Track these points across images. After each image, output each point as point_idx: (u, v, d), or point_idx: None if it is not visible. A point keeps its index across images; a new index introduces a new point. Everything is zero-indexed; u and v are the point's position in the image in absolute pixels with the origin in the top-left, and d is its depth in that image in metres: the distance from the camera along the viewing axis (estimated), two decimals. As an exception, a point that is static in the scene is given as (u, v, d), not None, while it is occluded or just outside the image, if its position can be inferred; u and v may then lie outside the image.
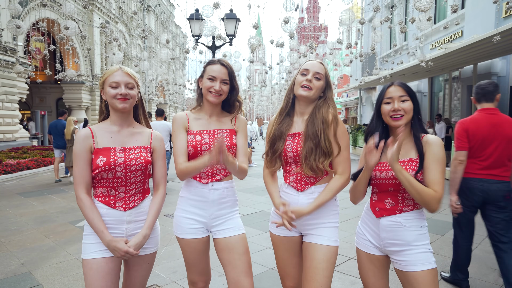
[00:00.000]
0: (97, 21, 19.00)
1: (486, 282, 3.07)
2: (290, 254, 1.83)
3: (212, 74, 1.78)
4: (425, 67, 8.43)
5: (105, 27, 9.96)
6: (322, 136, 1.67)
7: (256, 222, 4.93)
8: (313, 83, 1.71)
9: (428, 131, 1.68)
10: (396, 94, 1.60)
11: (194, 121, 1.85)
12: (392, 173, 1.58)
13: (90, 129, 1.66)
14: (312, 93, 1.72)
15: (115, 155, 1.62)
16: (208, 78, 1.79)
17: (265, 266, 3.37)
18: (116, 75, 1.63)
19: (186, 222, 1.81)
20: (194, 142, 1.79)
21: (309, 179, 1.73)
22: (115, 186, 1.63)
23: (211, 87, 1.78)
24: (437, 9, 13.02)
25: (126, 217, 1.65)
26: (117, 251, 1.56)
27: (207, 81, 1.79)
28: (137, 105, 1.77)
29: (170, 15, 36.39)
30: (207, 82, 1.79)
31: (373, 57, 17.17)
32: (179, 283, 3.02)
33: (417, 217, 1.59)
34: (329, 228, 1.72)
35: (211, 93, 1.78)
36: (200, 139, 1.79)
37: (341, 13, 7.70)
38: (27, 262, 3.50)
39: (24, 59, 14.02)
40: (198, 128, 1.83)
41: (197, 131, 1.82)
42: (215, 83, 1.78)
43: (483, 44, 7.38)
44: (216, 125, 1.86)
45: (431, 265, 1.55)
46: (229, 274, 1.75)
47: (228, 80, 1.82)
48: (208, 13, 9.08)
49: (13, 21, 7.48)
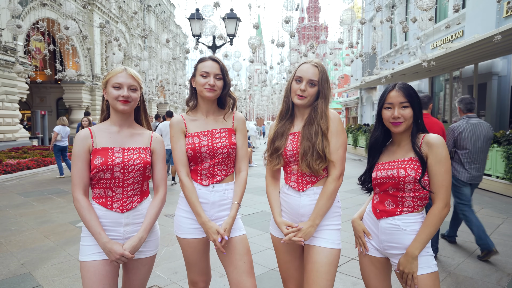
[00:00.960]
0: (97, 21, 18.97)
1: (489, 283, 3.05)
2: (292, 257, 1.81)
3: (205, 70, 1.77)
4: (427, 66, 8.41)
5: (104, 27, 9.93)
6: (317, 139, 1.65)
7: (256, 222, 4.91)
8: (307, 91, 1.69)
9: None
10: (397, 100, 1.59)
11: (191, 122, 1.83)
12: (392, 172, 1.57)
13: (90, 129, 1.65)
14: (307, 101, 1.71)
15: (113, 155, 1.61)
16: (201, 75, 1.77)
17: (266, 266, 3.36)
18: (120, 77, 1.62)
19: (187, 222, 1.79)
20: (193, 144, 1.77)
21: (310, 178, 1.71)
22: (112, 186, 1.61)
23: (205, 83, 1.76)
24: (438, 9, 13.00)
25: (124, 219, 1.63)
26: (112, 254, 1.54)
27: (200, 78, 1.77)
28: (138, 107, 1.76)
29: (170, 15, 36.38)
30: (201, 79, 1.77)
31: (373, 57, 17.17)
32: (180, 283, 3.00)
33: (416, 220, 1.58)
34: (331, 231, 1.70)
35: (206, 89, 1.76)
36: (198, 141, 1.77)
37: (342, 12, 7.68)
38: (27, 262, 3.49)
39: (24, 59, 14.02)
40: (196, 130, 1.81)
41: (195, 133, 1.80)
42: (209, 78, 1.76)
43: (484, 43, 7.37)
44: (213, 125, 1.84)
45: (432, 268, 1.54)
46: (231, 275, 1.74)
47: (221, 75, 1.80)
48: (209, 13, 9.07)
49: (13, 20, 7.46)
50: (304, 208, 1.70)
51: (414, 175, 1.53)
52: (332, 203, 1.69)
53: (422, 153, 1.55)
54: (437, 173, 1.53)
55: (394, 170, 1.58)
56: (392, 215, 1.60)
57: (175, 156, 1.79)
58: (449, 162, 1.55)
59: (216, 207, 1.79)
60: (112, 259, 1.55)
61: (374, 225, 1.68)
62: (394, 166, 1.60)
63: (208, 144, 1.77)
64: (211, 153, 1.77)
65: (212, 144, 1.77)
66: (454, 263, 3.49)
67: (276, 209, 1.80)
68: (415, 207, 1.58)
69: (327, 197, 1.65)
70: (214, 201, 1.78)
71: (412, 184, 1.54)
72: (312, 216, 1.66)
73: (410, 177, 1.53)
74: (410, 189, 1.56)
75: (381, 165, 1.67)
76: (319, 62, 1.75)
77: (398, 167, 1.58)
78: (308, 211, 1.69)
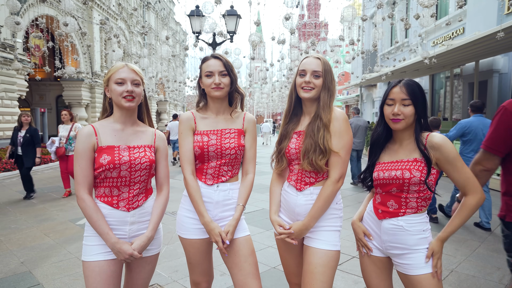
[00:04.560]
0: (97, 18, 18.89)
1: (491, 281, 3.04)
2: (292, 255, 1.82)
3: (208, 69, 1.75)
4: (427, 64, 8.38)
5: (105, 24, 9.87)
6: (319, 134, 1.63)
7: (257, 220, 4.90)
8: (312, 83, 1.67)
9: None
10: (399, 96, 1.55)
11: (201, 120, 1.81)
12: (396, 174, 1.54)
13: (93, 126, 1.61)
14: (314, 92, 1.68)
15: (120, 154, 1.58)
16: (206, 75, 1.76)
17: (267, 265, 3.34)
18: (122, 72, 1.59)
19: (190, 222, 1.77)
20: (201, 143, 1.74)
21: (309, 179, 1.69)
22: (118, 185, 1.59)
23: (211, 83, 1.74)
24: (438, 6, 12.94)
25: (130, 218, 1.61)
26: (121, 254, 1.52)
27: (205, 78, 1.76)
28: (141, 103, 1.73)
29: (170, 12, 36.23)
30: (206, 80, 1.76)
31: (374, 54, 17.10)
32: (181, 282, 2.99)
33: (420, 221, 1.56)
34: (328, 232, 1.68)
35: (213, 88, 1.74)
36: (207, 140, 1.75)
37: (343, 9, 7.64)
38: (26, 261, 3.47)
39: (23, 56, 13.95)
40: (205, 128, 1.79)
41: (204, 131, 1.77)
42: (214, 77, 1.74)
43: (485, 41, 7.33)
44: (223, 124, 1.81)
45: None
46: (236, 276, 1.71)
47: (226, 71, 1.77)
48: (209, 10, 9.01)
49: (12, 17, 7.41)
50: (300, 208, 1.69)
51: (419, 177, 1.50)
52: (328, 206, 1.66)
53: (428, 153, 1.52)
54: (454, 170, 1.50)
55: (398, 171, 1.55)
56: (395, 216, 1.57)
57: (182, 153, 1.77)
58: (460, 157, 1.52)
59: (220, 207, 1.77)
60: (121, 258, 1.54)
61: (375, 225, 1.66)
62: (397, 167, 1.56)
63: (217, 144, 1.75)
64: (219, 153, 1.75)
65: (221, 144, 1.75)
66: (456, 261, 3.48)
67: (273, 207, 1.80)
68: (419, 207, 1.56)
69: (323, 200, 1.63)
70: (218, 201, 1.76)
71: (417, 186, 1.52)
72: (307, 218, 1.65)
73: (415, 178, 1.50)
74: (415, 190, 1.53)
75: (382, 165, 1.63)
76: (321, 55, 1.74)
77: (402, 168, 1.54)
78: (304, 210, 1.68)
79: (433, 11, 6.53)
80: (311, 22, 73.84)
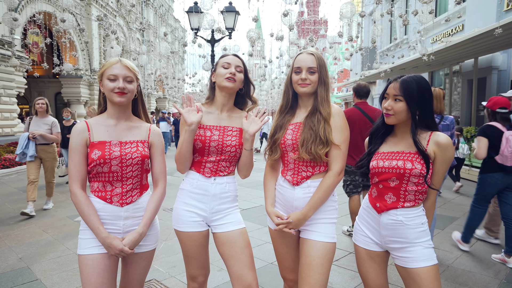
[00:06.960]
0: (95, 15, 18.82)
1: (486, 276, 3.06)
2: (288, 249, 1.83)
3: (227, 61, 1.79)
4: (427, 61, 8.36)
5: (102, 20, 9.82)
6: (320, 126, 1.65)
7: (255, 216, 4.91)
8: (308, 79, 1.69)
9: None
10: (391, 92, 1.58)
11: (205, 114, 1.82)
12: (397, 163, 1.56)
13: (86, 122, 1.63)
14: (311, 87, 1.71)
15: (110, 149, 1.59)
16: (222, 66, 1.79)
17: (264, 260, 3.36)
18: (115, 68, 1.59)
19: (186, 215, 1.78)
20: (203, 137, 1.76)
21: (305, 172, 1.70)
22: (111, 180, 1.60)
23: (226, 73, 1.76)
24: (438, 3, 12.91)
25: (123, 213, 1.61)
26: (112, 249, 1.53)
27: (221, 69, 1.79)
28: (136, 99, 1.73)
29: (168, 9, 36.08)
30: (222, 70, 1.78)
31: (373, 51, 17.08)
32: (178, 277, 3.00)
33: (418, 214, 1.58)
34: (325, 224, 1.70)
35: (226, 78, 1.76)
36: (209, 135, 1.77)
37: (342, 6, 7.60)
38: (25, 256, 3.48)
39: (21, 53, 13.91)
40: (209, 123, 1.81)
41: (207, 126, 1.79)
42: (230, 69, 1.77)
43: (484, 37, 7.31)
44: (226, 122, 1.83)
45: (433, 261, 1.55)
46: (232, 268, 1.73)
47: (242, 68, 1.82)
48: (207, 6, 8.97)
49: (9, 13, 7.37)
50: (298, 201, 1.70)
51: (420, 169, 1.52)
52: (328, 197, 1.68)
53: (427, 150, 1.54)
54: (439, 172, 1.56)
55: (400, 161, 1.56)
56: (394, 207, 1.59)
57: (181, 137, 1.78)
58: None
59: (217, 200, 1.78)
60: (112, 253, 1.54)
61: (374, 220, 1.67)
62: (399, 157, 1.58)
63: (218, 140, 1.77)
64: (219, 149, 1.77)
65: (222, 141, 1.77)
66: (453, 256, 3.50)
67: (269, 199, 1.81)
68: (416, 200, 1.59)
69: (323, 190, 1.65)
70: (215, 194, 1.78)
71: (417, 178, 1.54)
72: (306, 208, 1.66)
73: (416, 170, 1.52)
74: (414, 182, 1.55)
75: (382, 154, 1.65)
76: (314, 50, 1.75)
77: (404, 159, 1.56)
78: (302, 204, 1.69)
79: (432, 8, 6.52)
80: (310, 19, 73.57)
